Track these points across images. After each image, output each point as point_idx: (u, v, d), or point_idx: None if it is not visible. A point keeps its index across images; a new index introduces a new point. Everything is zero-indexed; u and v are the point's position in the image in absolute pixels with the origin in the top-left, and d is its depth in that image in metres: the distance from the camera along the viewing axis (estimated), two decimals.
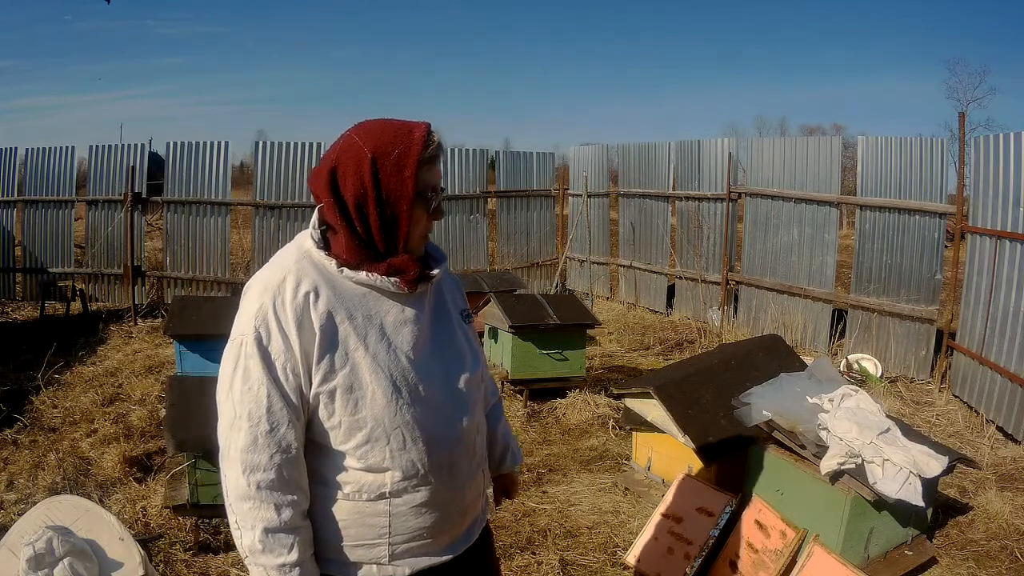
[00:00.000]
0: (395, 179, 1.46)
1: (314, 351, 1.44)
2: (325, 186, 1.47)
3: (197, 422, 3.49)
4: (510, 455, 1.93)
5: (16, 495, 4.20)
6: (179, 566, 3.46)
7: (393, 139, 1.47)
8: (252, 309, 1.46)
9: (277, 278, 1.47)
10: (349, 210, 1.47)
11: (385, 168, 1.46)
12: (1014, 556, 3.70)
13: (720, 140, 8.90)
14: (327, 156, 1.51)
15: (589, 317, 6.21)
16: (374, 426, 1.47)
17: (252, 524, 1.45)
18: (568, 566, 3.55)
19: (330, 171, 1.47)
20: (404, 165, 1.46)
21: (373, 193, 1.45)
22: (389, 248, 1.50)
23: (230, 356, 1.49)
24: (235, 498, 1.47)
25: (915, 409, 5.99)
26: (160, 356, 7.09)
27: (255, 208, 9.42)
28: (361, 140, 1.47)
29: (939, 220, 6.69)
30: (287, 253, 1.53)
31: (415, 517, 1.54)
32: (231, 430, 1.47)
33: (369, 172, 1.45)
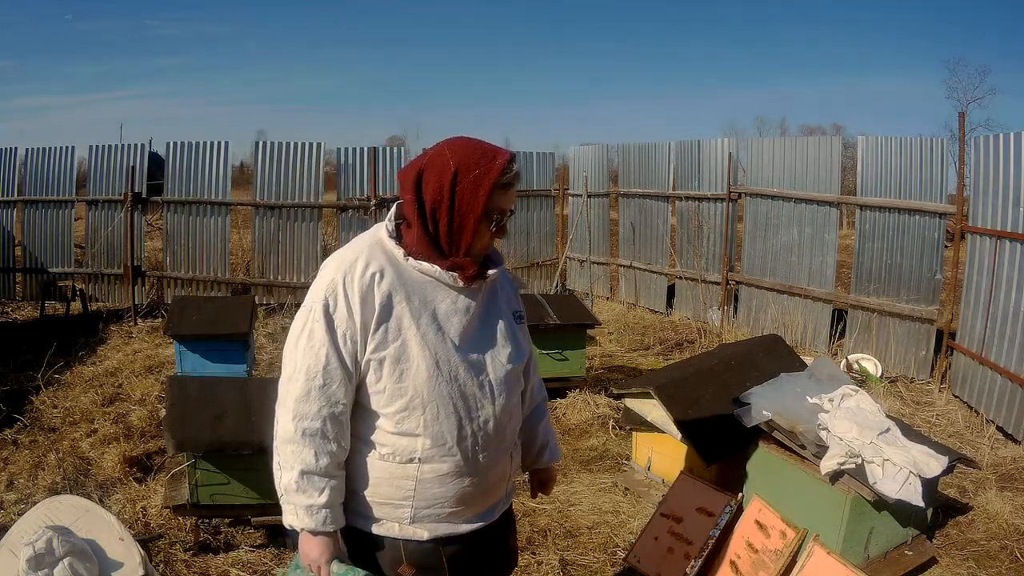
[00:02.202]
0: (469, 195, 1.65)
1: (372, 323, 1.64)
2: (411, 184, 1.68)
3: (197, 422, 3.49)
4: (548, 451, 2.09)
5: (16, 495, 4.20)
6: (179, 566, 3.46)
7: (477, 160, 1.65)
8: (325, 281, 1.66)
9: (350, 258, 1.68)
10: (425, 210, 1.66)
11: (463, 183, 1.64)
12: (1014, 556, 3.70)
13: (720, 140, 8.90)
14: (419, 159, 1.71)
15: (589, 317, 6.21)
16: (413, 395, 1.66)
17: (292, 465, 1.68)
18: (568, 566, 3.55)
19: (418, 172, 1.68)
20: (480, 185, 1.64)
21: (448, 202, 1.65)
22: (452, 251, 1.69)
23: (300, 318, 1.69)
24: (281, 440, 1.72)
25: (915, 409, 5.99)
26: (160, 356, 7.09)
27: (255, 208, 9.41)
28: (450, 153, 1.66)
29: (939, 220, 6.69)
30: (362, 239, 1.74)
31: (439, 486, 1.70)
32: (289, 382, 1.69)
33: (449, 183, 1.64)
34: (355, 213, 9.57)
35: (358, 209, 9.55)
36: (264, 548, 3.64)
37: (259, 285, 9.39)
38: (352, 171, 9.56)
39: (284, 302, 9.34)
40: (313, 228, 9.48)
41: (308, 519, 1.65)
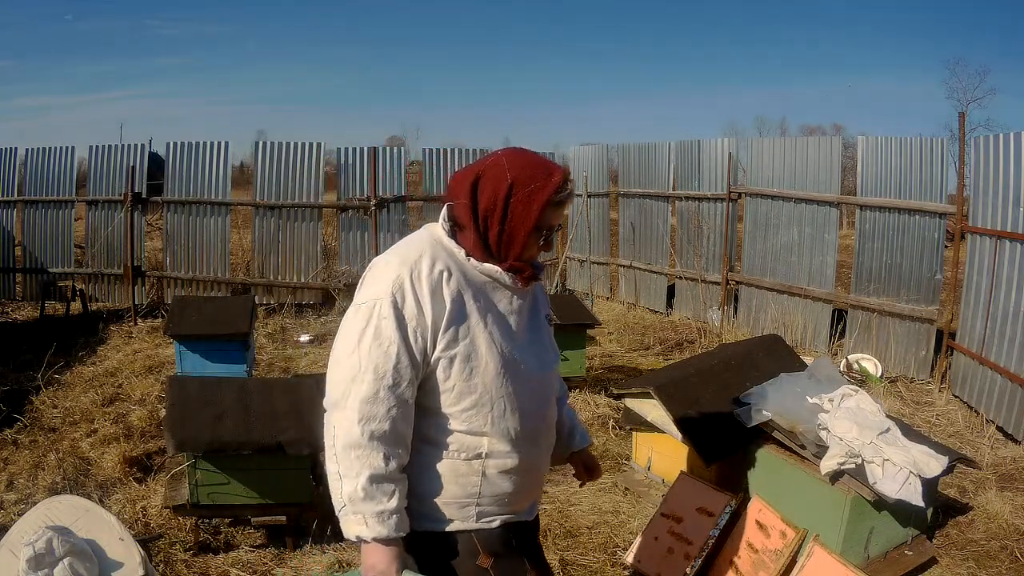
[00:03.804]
0: (522, 209, 1.67)
1: (443, 320, 1.64)
2: (467, 189, 1.69)
3: (197, 422, 3.49)
4: (579, 434, 2.16)
5: (16, 495, 4.20)
6: (179, 566, 3.46)
7: (533, 174, 1.68)
8: (388, 277, 1.64)
9: (414, 255, 1.67)
10: (478, 216, 1.69)
11: (517, 196, 1.67)
12: (1014, 556, 3.70)
13: (720, 140, 8.90)
14: (476, 165, 1.73)
15: (589, 317, 6.21)
16: (483, 392, 1.68)
17: (357, 471, 1.59)
18: (568, 566, 3.55)
19: (474, 178, 1.69)
20: (533, 200, 1.67)
21: (500, 213, 1.68)
22: (501, 257, 1.72)
23: (360, 316, 1.65)
24: (343, 446, 1.61)
25: (915, 409, 5.99)
26: (160, 356, 7.09)
27: (255, 208, 9.42)
28: (507, 164, 1.69)
29: (939, 220, 6.69)
30: (419, 237, 1.75)
31: (503, 481, 1.74)
32: (353, 382, 1.62)
33: (504, 194, 1.67)
34: (355, 213, 9.57)
35: (358, 209, 9.55)
36: (264, 548, 3.64)
37: (259, 285, 9.39)
38: (352, 171, 9.56)
39: (284, 302, 9.35)
40: (313, 228, 9.48)
41: (379, 526, 1.59)
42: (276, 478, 3.53)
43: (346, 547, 3.66)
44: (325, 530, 3.72)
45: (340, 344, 1.68)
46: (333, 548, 3.64)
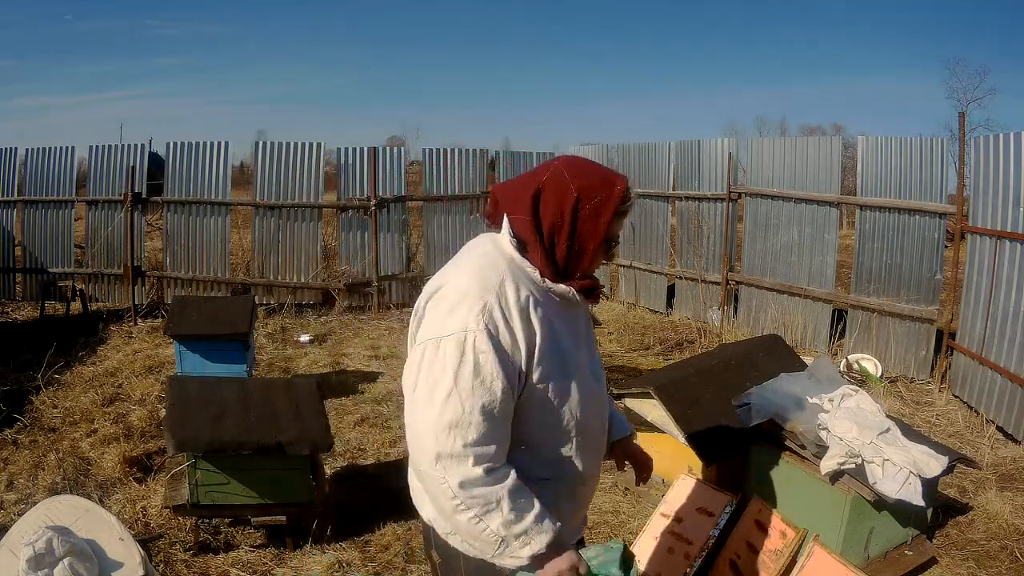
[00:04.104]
0: (590, 223, 1.61)
1: (535, 348, 1.57)
2: (527, 204, 1.61)
3: (197, 422, 3.49)
4: (616, 422, 2.07)
5: (16, 495, 4.20)
6: (179, 566, 3.46)
7: (598, 186, 1.61)
8: (474, 306, 1.54)
9: (494, 279, 1.59)
10: (543, 233, 1.61)
11: (584, 210, 1.60)
12: (1014, 556, 3.70)
13: (720, 140, 8.90)
14: (533, 177, 1.64)
15: None
16: (568, 418, 1.64)
17: (494, 502, 1.52)
18: None
19: (535, 192, 1.61)
20: (601, 212, 1.61)
21: (568, 228, 1.60)
22: (568, 273, 1.65)
23: (450, 351, 1.52)
24: (469, 494, 1.51)
25: (915, 409, 5.99)
26: (160, 356, 7.09)
27: (255, 208, 9.42)
28: (569, 176, 1.61)
29: (939, 220, 6.69)
30: (489, 255, 1.65)
31: (567, 500, 1.72)
32: (458, 427, 1.50)
33: (570, 209, 1.59)
34: (355, 213, 9.57)
35: (358, 209, 9.55)
36: (264, 548, 3.64)
37: (259, 285, 9.39)
38: (352, 171, 9.56)
39: (284, 302, 9.35)
40: (313, 228, 9.48)
41: (543, 532, 1.55)
42: (276, 478, 3.53)
43: (346, 547, 3.67)
44: (325, 530, 3.73)
45: (428, 384, 1.53)
46: (333, 548, 3.64)
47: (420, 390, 1.55)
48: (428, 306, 1.64)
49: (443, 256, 10.08)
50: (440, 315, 1.57)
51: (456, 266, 1.68)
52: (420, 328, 1.64)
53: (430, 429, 1.52)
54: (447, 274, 1.67)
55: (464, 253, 1.73)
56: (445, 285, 1.62)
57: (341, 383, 6.45)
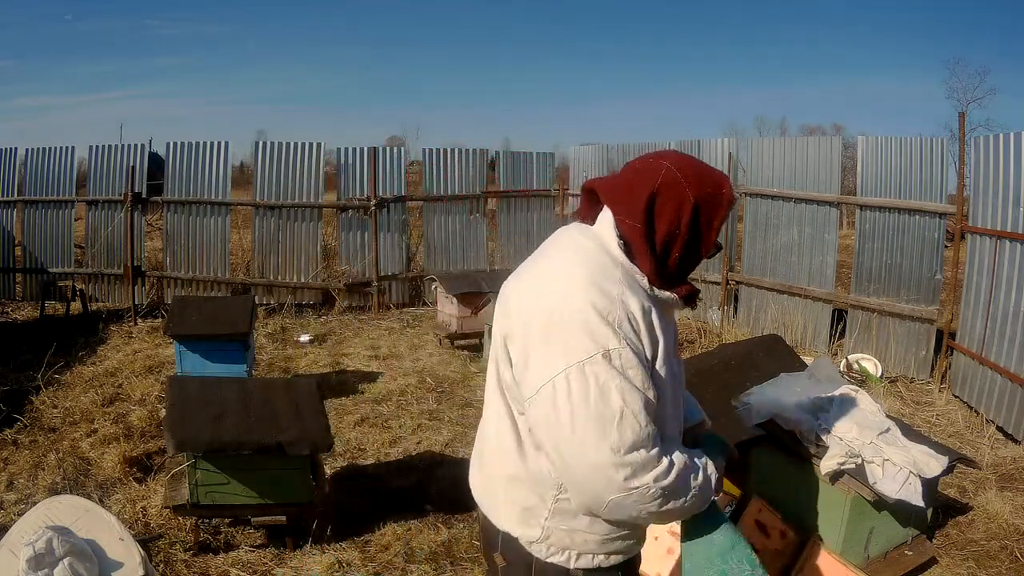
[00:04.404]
0: (705, 230, 1.57)
1: (655, 357, 1.55)
2: (641, 210, 1.54)
3: (197, 422, 3.49)
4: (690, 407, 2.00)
5: (16, 495, 4.20)
6: (179, 566, 3.46)
7: (711, 192, 1.56)
8: (610, 322, 1.47)
9: (615, 289, 1.51)
10: (656, 240, 1.55)
11: (703, 216, 1.56)
12: (1014, 556, 3.70)
13: (720, 140, 8.90)
14: (643, 178, 1.56)
15: None
16: (661, 425, 1.57)
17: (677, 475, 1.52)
18: None
19: (650, 197, 1.54)
20: (714, 218, 1.57)
21: (685, 237, 1.55)
22: (673, 280, 1.61)
23: (605, 376, 1.46)
24: (661, 485, 1.51)
25: (915, 409, 5.99)
26: (160, 356, 7.09)
27: (255, 208, 9.42)
28: (685, 181, 1.54)
29: (939, 220, 6.69)
30: (602, 262, 1.56)
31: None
32: (639, 443, 1.47)
33: (689, 217, 1.54)
34: (355, 213, 9.58)
35: (358, 209, 9.56)
36: (264, 548, 3.64)
37: (259, 285, 9.39)
38: (352, 171, 9.56)
39: (284, 302, 9.35)
40: (313, 228, 9.48)
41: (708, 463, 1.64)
42: (276, 478, 3.53)
43: (346, 547, 3.67)
44: (325, 530, 3.73)
45: (591, 417, 1.45)
46: (333, 548, 3.64)
47: (583, 425, 1.46)
48: (546, 326, 1.51)
49: (443, 256, 10.09)
50: (571, 338, 1.47)
51: (564, 271, 1.55)
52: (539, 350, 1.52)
53: (613, 459, 1.46)
54: (556, 286, 1.54)
55: (564, 252, 1.61)
56: (565, 303, 1.50)
57: (341, 383, 6.45)
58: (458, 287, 7.54)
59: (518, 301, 1.60)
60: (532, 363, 1.52)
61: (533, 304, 1.55)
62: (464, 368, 6.95)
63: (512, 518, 1.68)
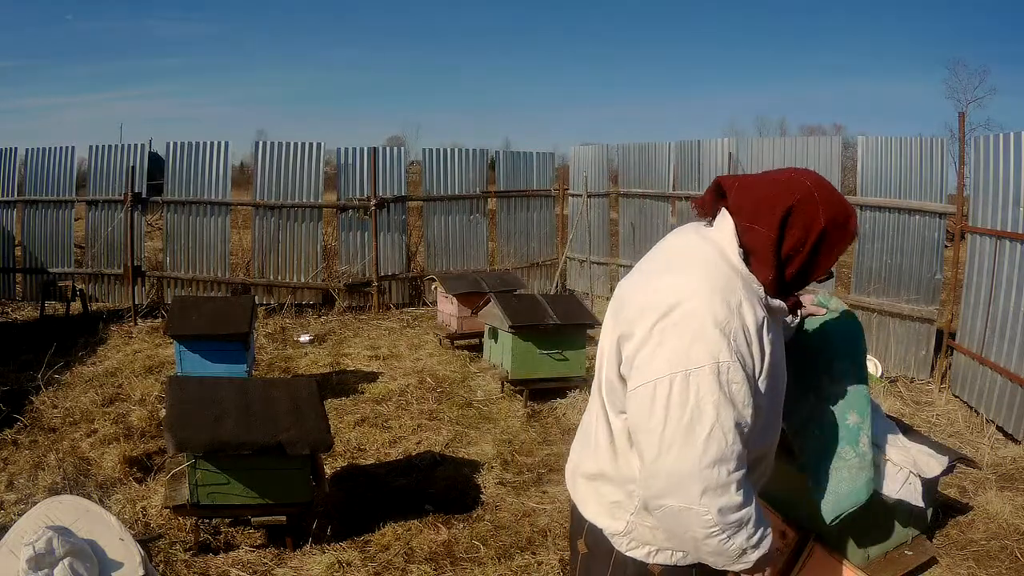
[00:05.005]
0: (826, 254, 1.60)
1: (763, 371, 1.57)
2: (776, 221, 1.56)
3: (197, 422, 3.49)
4: None
5: (16, 495, 4.20)
6: (179, 566, 3.46)
7: (842, 219, 1.60)
8: (723, 334, 1.50)
9: (735, 300, 1.54)
10: (781, 252, 1.58)
11: (827, 242, 1.59)
12: (1014, 556, 3.70)
13: (720, 140, 8.90)
14: (781, 190, 1.59)
15: (589, 317, 6.21)
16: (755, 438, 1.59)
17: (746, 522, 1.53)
18: (568, 566, 3.55)
19: (786, 210, 1.56)
20: (836, 244, 1.60)
21: (805, 255, 1.59)
22: (783, 292, 1.64)
23: (706, 387, 1.49)
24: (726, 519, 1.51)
25: (915, 409, 5.99)
26: (160, 356, 7.09)
27: (255, 208, 9.42)
28: (821, 204, 1.57)
29: (939, 220, 6.69)
30: (721, 268, 1.58)
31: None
32: (722, 460, 1.49)
33: (815, 237, 1.57)
34: (355, 213, 9.58)
35: (358, 209, 9.56)
36: (264, 548, 3.64)
37: (259, 285, 9.39)
38: (352, 171, 9.57)
39: (284, 302, 9.35)
40: (313, 228, 9.48)
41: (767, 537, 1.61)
42: (276, 478, 3.53)
43: (346, 547, 3.67)
44: (325, 530, 3.73)
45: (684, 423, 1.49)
46: (333, 548, 3.64)
47: (673, 430, 1.49)
48: (661, 327, 1.53)
49: (443, 256, 10.09)
50: (685, 343, 1.50)
51: (684, 275, 1.58)
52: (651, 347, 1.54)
53: (694, 468, 1.49)
54: (677, 290, 1.56)
55: (683, 256, 1.64)
56: (681, 305, 1.53)
57: (341, 383, 6.45)
58: (458, 287, 7.54)
59: (635, 301, 1.63)
60: (641, 359, 1.56)
61: (652, 308, 1.57)
62: (464, 368, 6.95)
63: (599, 511, 1.75)
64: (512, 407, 5.84)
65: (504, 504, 4.24)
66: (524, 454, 4.98)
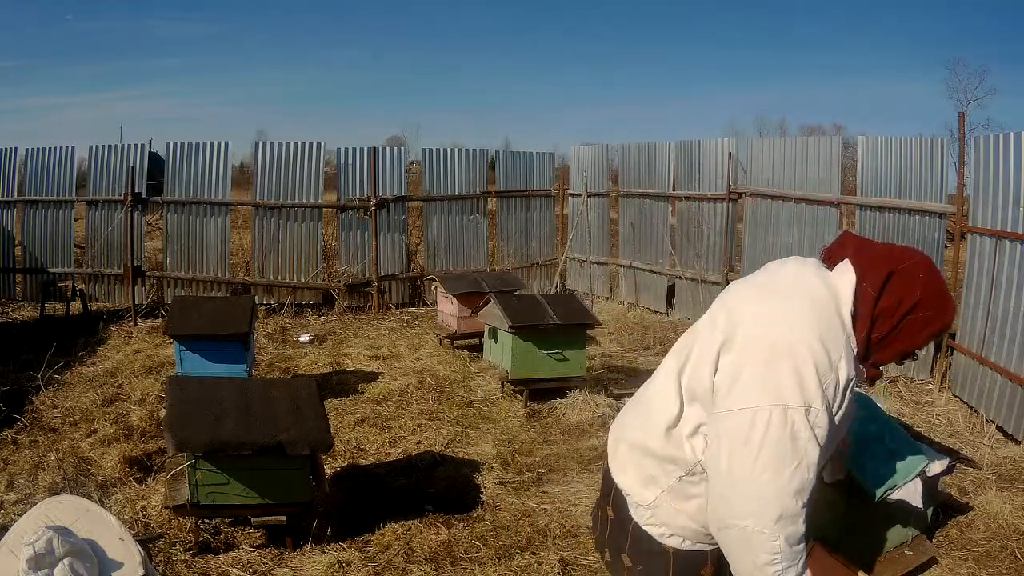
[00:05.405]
0: (912, 329, 1.65)
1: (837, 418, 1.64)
2: (879, 280, 1.65)
3: (197, 422, 3.49)
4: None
5: (16, 495, 4.20)
6: (179, 566, 3.46)
7: (937, 303, 1.65)
8: (821, 381, 1.58)
9: (836, 354, 1.61)
10: (875, 312, 1.64)
11: (916, 315, 1.64)
12: (1014, 556, 3.70)
13: (720, 140, 8.90)
14: (894, 255, 1.68)
15: (589, 317, 6.21)
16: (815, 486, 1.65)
17: (801, 555, 1.63)
18: (568, 566, 3.55)
19: (889, 272, 1.65)
20: (926, 326, 1.65)
21: (893, 322, 1.65)
22: (867, 355, 1.69)
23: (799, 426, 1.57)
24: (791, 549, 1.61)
25: (915, 409, 5.99)
26: (160, 356, 7.09)
27: (255, 208, 9.42)
28: (922, 278, 1.64)
29: (939, 220, 6.69)
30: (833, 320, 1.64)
31: None
32: (802, 492, 1.59)
33: (906, 308, 1.64)
34: (355, 213, 9.58)
35: (358, 209, 9.56)
36: (264, 548, 3.64)
37: (259, 285, 9.39)
38: (352, 171, 9.57)
39: (284, 302, 9.35)
40: (313, 228, 9.48)
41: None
42: (276, 478, 3.53)
43: (346, 547, 3.67)
44: (325, 530, 3.73)
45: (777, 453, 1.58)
46: (333, 548, 3.64)
47: (767, 456, 1.58)
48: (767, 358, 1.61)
49: (443, 256, 10.09)
50: (788, 381, 1.58)
51: (799, 314, 1.64)
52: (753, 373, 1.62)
53: (777, 495, 1.58)
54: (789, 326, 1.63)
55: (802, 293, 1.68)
56: (792, 347, 1.60)
57: (341, 383, 6.45)
58: (458, 287, 7.54)
59: (746, 317, 1.69)
60: (742, 382, 1.62)
61: (763, 329, 1.65)
62: (464, 368, 6.95)
63: (635, 480, 1.85)
64: (512, 407, 5.84)
65: (504, 504, 4.24)
66: (524, 454, 4.98)
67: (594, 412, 5.65)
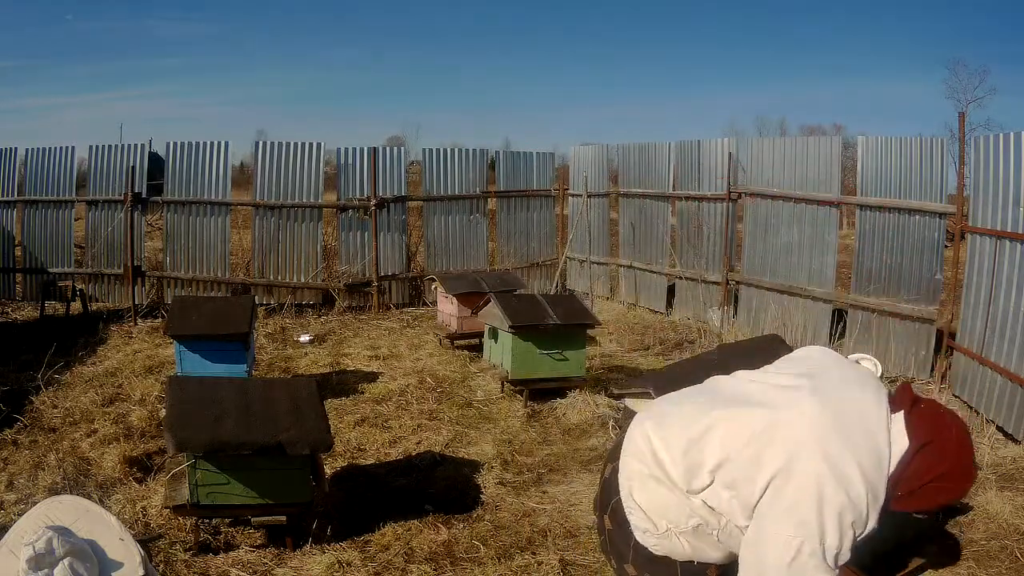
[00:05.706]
0: (929, 493, 1.80)
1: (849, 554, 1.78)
2: (917, 441, 1.80)
3: (197, 422, 3.49)
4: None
5: (16, 495, 4.20)
6: (179, 566, 3.46)
7: (959, 480, 1.83)
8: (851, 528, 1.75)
9: (872, 510, 1.75)
10: (905, 463, 1.80)
11: (935, 487, 1.80)
12: (1014, 556, 3.70)
13: (720, 140, 8.90)
14: (936, 423, 1.85)
15: (589, 317, 6.21)
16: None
17: None
18: (568, 566, 3.55)
19: (927, 440, 1.80)
20: (941, 493, 1.82)
21: (911, 487, 1.80)
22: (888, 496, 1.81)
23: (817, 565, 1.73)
24: None
25: None
26: (160, 356, 7.09)
27: (255, 208, 9.42)
28: (950, 455, 1.80)
29: (939, 220, 6.69)
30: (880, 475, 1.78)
31: None
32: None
33: (929, 477, 1.79)
34: (355, 213, 9.58)
35: (358, 209, 9.56)
36: (264, 548, 3.64)
37: (259, 285, 9.39)
38: (352, 171, 9.57)
39: (284, 302, 9.35)
40: (313, 228, 9.48)
41: None
42: (276, 478, 3.53)
43: (346, 547, 3.67)
44: (325, 530, 3.73)
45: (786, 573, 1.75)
46: (333, 548, 3.64)
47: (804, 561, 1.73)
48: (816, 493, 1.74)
49: (443, 256, 10.10)
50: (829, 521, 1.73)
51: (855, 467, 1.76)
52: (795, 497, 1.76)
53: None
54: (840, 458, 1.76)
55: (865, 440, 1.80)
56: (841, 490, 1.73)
57: (341, 383, 6.45)
58: (458, 287, 7.54)
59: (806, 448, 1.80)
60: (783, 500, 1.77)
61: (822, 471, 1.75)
62: (464, 368, 6.95)
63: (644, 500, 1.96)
64: (512, 407, 5.84)
65: (504, 504, 4.24)
66: (524, 454, 4.98)
67: (594, 412, 5.65)
